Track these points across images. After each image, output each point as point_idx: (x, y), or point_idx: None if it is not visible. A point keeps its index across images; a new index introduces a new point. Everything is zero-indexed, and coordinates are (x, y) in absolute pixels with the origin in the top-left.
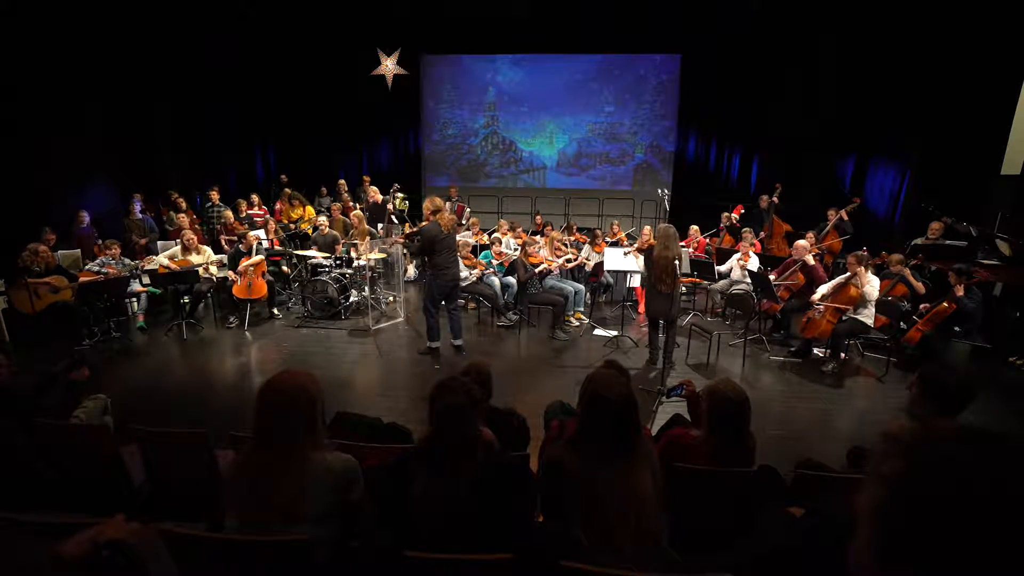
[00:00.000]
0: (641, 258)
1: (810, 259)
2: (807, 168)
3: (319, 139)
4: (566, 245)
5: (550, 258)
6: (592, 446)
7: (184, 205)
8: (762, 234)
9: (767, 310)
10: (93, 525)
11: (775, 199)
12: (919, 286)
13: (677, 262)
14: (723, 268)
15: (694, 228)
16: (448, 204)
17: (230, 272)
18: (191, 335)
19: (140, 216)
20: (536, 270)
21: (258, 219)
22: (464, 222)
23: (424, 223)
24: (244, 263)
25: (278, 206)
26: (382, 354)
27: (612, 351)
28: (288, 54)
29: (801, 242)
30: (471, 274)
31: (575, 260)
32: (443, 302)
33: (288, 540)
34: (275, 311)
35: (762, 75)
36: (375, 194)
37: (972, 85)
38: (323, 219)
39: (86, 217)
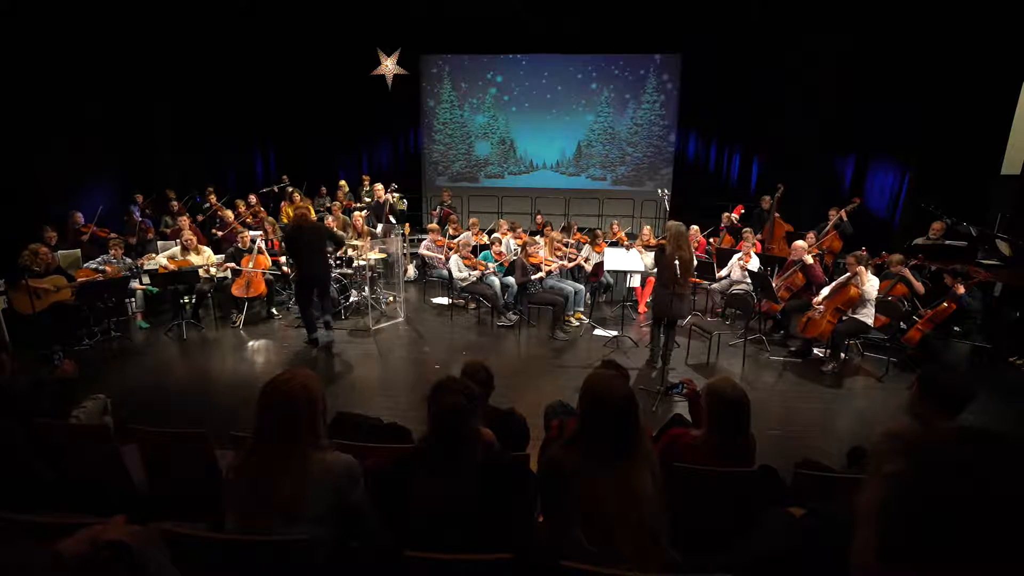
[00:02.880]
0: (645, 254)
1: (808, 259)
2: (807, 168)
3: (319, 139)
4: (566, 245)
5: (550, 259)
6: (592, 446)
7: (176, 207)
8: (759, 236)
9: (767, 310)
10: (93, 525)
11: (777, 199)
12: (919, 286)
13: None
14: (723, 272)
15: (694, 228)
16: (439, 208)
17: (232, 264)
18: (191, 335)
19: (139, 218)
20: (535, 277)
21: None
22: (447, 226)
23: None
24: (247, 262)
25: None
26: (382, 354)
27: (612, 351)
28: (288, 54)
29: (799, 242)
30: (471, 274)
31: (574, 260)
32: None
33: (288, 540)
34: (273, 311)
35: (762, 75)
36: (380, 192)
37: (972, 85)
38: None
39: (81, 219)
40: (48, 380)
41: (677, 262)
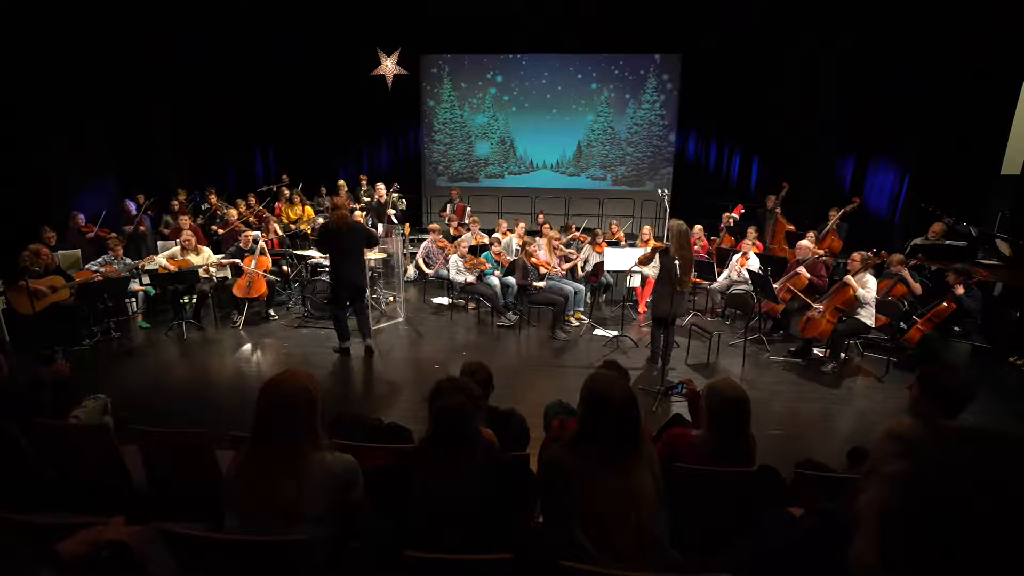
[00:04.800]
0: (646, 269)
1: (806, 273)
2: (807, 168)
3: (319, 139)
4: (567, 246)
5: (550, 260)
6: (593, 446)
7: (176, 207)
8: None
9: (767, 311)
10: (93, 525)
11: (782, 197)
12: (917, 287)
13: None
14: (723, 272)
15: (698, 227)
16: (449, 205)
17: (233, 260)
18: (191, 335)
19: (135, 212)
20: (537, 284)
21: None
22: (466, 221)
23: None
24: (249, 262)
25: (277, 206)
26: (382, 354)
27: (612, 351)
28: (288, 54)
29: (804, 243)
30: (468, 278)
31: (572, 261)
32: (348, 302)
33: (288, 540)
34: (271, 312)
35: (762, 75)
36: (381, 192)
37: (972, 85)
38: (359, 214)
39: (82, 220)
40: (47, 380)
41: (678, 261)
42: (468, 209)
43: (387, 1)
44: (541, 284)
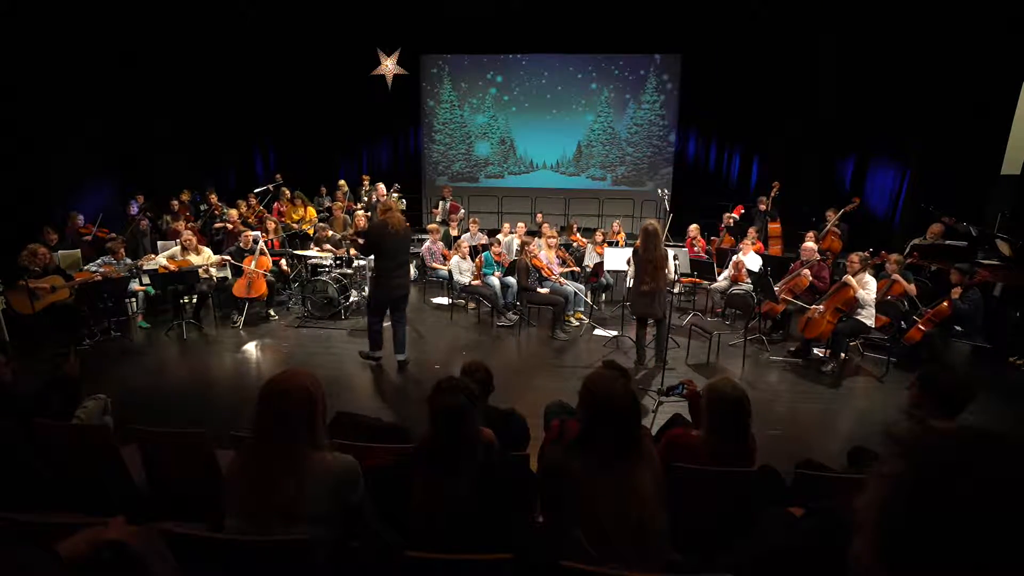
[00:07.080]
0: (632, 268)
1: (808, 275)
2: (807, 168)
3: (319, 139)
4: (567, 248)
5: (551, 263)
6: (593, 447)
7: (177, 207)
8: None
9: (768, 311)
10: (93, 525)
11: (771, 198)
12: (911, 288)
13: (674, 260)
14: (723, 272)
15: (694, 227)
16: (441, 204)
17: (229, 259)
18: (191, 335)
19: (135, 213)
20: (541, 290)
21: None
22: (458, 221)
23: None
24: (249, 262)
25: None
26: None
27: (612, 351)
28: (288, 54)
29: (809, 244)
30: (472, 282)
31: (569, 267)
32: (388, 311)
33: (288, 540)
34: (271, 312)
35: (762, 75)
36: (381, 192)
37: (972, 85)
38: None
39: (81, 220)
40: (60, 380)
41: (642, 262)
42: (462, 211)
43: (387, 1)
44: (545, 291)
